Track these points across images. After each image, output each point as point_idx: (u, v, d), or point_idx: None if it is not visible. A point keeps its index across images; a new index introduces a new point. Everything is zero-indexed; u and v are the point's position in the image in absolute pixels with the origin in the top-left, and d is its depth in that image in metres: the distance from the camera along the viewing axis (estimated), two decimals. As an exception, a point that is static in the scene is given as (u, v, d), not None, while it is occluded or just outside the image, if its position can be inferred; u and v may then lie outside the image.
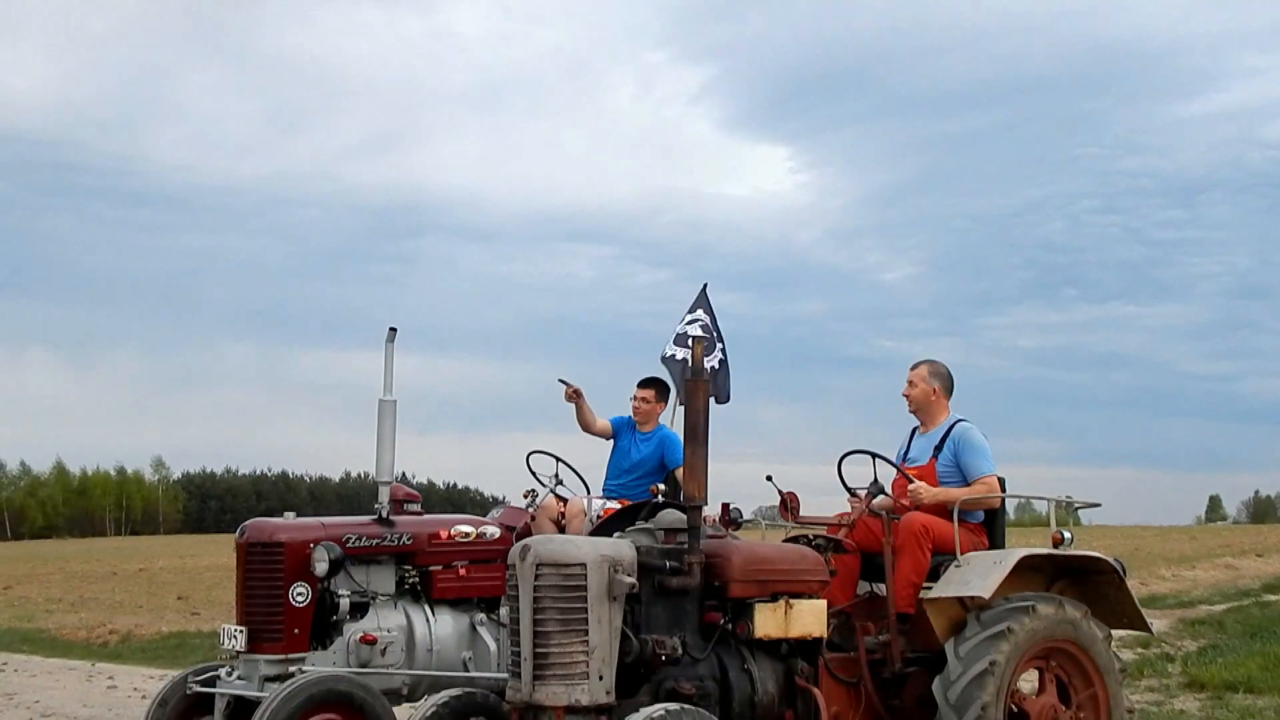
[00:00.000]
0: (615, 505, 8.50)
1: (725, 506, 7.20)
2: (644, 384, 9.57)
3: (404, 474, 9.52)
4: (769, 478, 7.33)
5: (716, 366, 10.43)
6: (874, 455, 7.37)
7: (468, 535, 8.38)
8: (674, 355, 10.29)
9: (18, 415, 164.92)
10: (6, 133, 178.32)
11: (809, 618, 6.67)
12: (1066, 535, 7.38)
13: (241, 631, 7.68)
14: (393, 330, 8.29)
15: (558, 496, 9.06)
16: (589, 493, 9.12)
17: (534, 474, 9.12)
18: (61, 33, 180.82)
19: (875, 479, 7.36)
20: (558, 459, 9.15)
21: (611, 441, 9.62)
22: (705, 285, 10.86)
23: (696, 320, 10.52)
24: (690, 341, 6.68)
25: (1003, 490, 7.46)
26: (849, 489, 7.46)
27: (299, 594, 7.72)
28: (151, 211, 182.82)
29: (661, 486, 8.21)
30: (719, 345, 10.54)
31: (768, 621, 6.56)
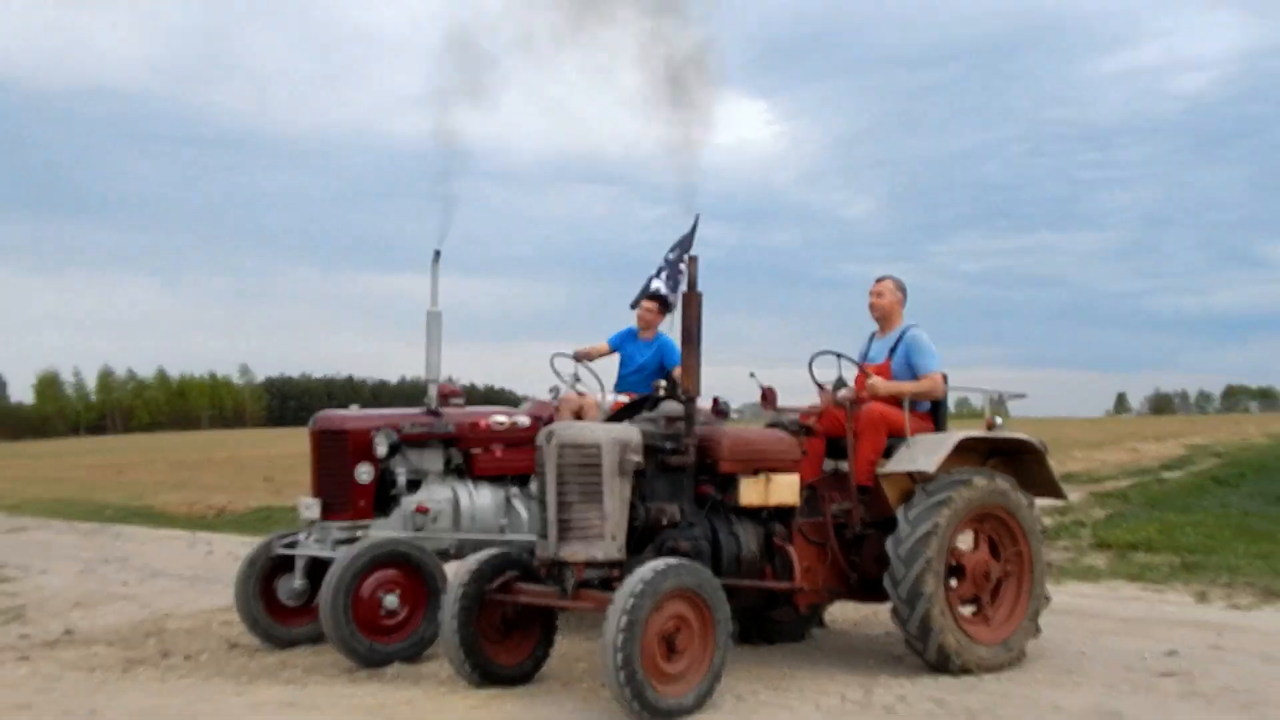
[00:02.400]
0: (624, 399, 8.50)
1: (715, 400, 7.23)
2: (650, 297, 9.52)
3: (450, 376, 9.49)
4: (752, 374, 7.36)
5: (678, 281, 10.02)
6: (839, 355, 7.37)
7: (503, 423, 8.40)
8: (657, 286, 10.09)
9: (124, 330, 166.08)
10: (99, 88, 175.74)
11: (785, 489, 6.74)
12: (998, 421, 7.41)
13: (316, 503, 7.74)
14: (437, 253, 8.23)
15: (577, 392, 9.06)
16: (602, 389, 9.13)
17: (556, 373, 9.10)
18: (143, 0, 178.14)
19: (840, 375, 7.36)
20: (576, 360, 9.16)
21: (617, 355, 9.59)
22: (697, 217, 10.70)
23: (678, 248, 10.29)
24: (685, 261, 6.62)
25: (946, 384, 7.48)
26: (818, 383, 7.47)
27: (363, 472, 7.77)
28: (225, 154, 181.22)
29: (662, 383, 8.20)
30: (681, 266, 10.12)
31: (751, 492, 6.63)
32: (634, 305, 9.59)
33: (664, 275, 9.66)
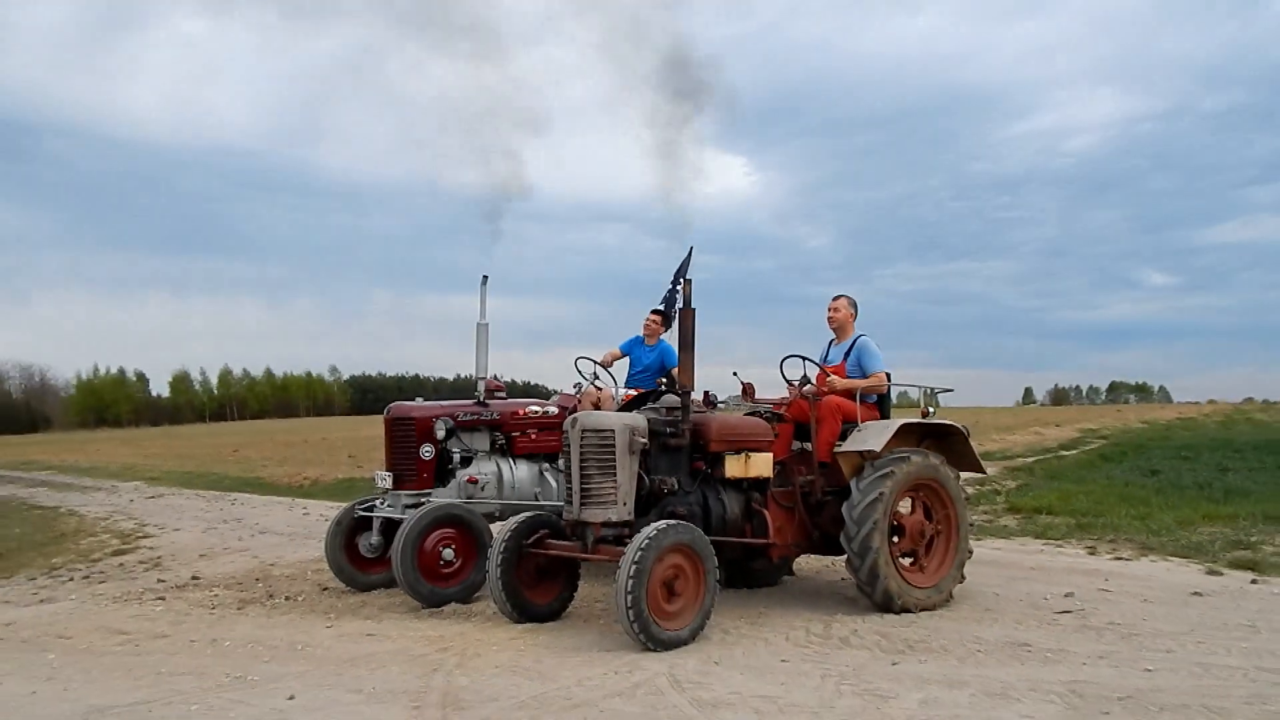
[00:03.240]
0: (633, 393, 8.46)
1: (706, 393, 7.20)
2: (654, 311, 9.48)
3: (495, 375, 9.40)
4: (735, 373, 7.33)
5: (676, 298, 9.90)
6: (804, 358, 7.33)
7: (537, 412, 8.38)
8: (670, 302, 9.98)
9: (240, 339, 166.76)
10: (221, 146, 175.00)
11: (761, 465, 6.70)
12: (931, 410, 7.36)
13: (389, 476, 7.73)
14: (485, 277, 8.22)
15: (595, 387, 9.02)
16: (616, 385, 9.09)
17: (579, 372, 9.07)
18: (258, 76, 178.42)
19: (805, 374, 7.32)
20: (595, 362, 9.12)
21: (627, 357, 9.55)
22: (691, 248, 10.60)
23: (679, 273, 10.19)
24: (681, 283, 6.58)
25: (889, 381, 7.43)
26: (787, 380, 7.43)
27: (426, 451, 7.75)
28: (321, 200, 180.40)
29: (664, 380, 8.15)
30: (678, 290, 10.01)
31: (734, 467, 6.59)
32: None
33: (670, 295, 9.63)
